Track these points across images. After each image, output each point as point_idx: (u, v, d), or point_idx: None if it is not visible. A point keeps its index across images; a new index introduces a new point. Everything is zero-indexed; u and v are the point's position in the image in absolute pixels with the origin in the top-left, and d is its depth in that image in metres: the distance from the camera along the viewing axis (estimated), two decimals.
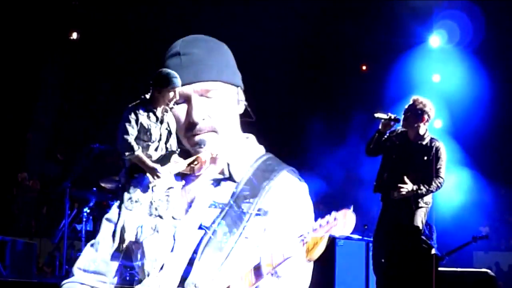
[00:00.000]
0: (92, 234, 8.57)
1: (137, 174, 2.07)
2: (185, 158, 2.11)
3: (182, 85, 2.07)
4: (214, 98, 2.17)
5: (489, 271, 7.87)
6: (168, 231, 2.08)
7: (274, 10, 12.91)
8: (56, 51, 14.99)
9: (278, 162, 2.26)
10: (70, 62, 15.04)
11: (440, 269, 6.98)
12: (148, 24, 13.58)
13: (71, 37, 15.39)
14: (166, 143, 2.08)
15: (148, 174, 2.04)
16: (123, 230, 2.05)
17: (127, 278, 2.14)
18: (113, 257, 2.12)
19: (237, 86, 2.28)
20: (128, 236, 2.06)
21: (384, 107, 6.62)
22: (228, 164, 2.19)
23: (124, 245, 2.05)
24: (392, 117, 6.44)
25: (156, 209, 2.07)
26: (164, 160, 2.06)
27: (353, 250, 8.05)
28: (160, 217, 2.06)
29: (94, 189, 9.01)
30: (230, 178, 2.19)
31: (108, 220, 2.22)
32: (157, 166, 2.03)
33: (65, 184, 9.02)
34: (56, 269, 9.90)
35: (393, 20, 12.81)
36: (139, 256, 2.07)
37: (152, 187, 2.04)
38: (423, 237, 6.55)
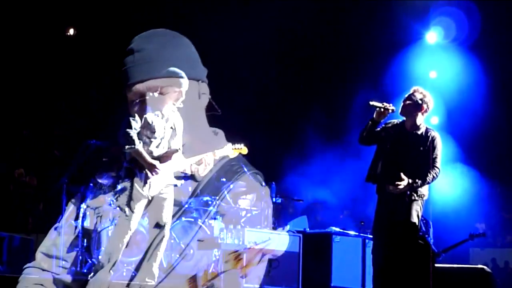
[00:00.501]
0: (89, 230, 8.56)
1: (105, 159, 2.06)
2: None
3: (136, 83, 2.04)
4: (169, 94, 2.11)
5: (485, 267, 7.88)
6: (126, 226, 2.07)
7: (271, 8, 12.89)
8: (53, 47, 14.95)
9: (243, 163, 2.23)
10: (67, 58, 15.00)
11: (436, 265, 6.98)
12: (146, 21, 13.53)
13: (68, 33, 15.36)
14: (169, 141, 2.07)
15: (146, 170, 2.03)
16: (84, 216, 2.07)
17: (85, 267, 2.14)
18: (74, 243, 2.13)
19: (197, 80, 2.21)
20: (88, 224, 2.07)
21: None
22: (190, 163, 2.15)
23: (84, 232, 2.06)
24: (387, 106, 6.45)
25: (117, 199, 2.07)
26: (165, 157, 2.05)
27: (350, 246, 8.06)
28: (121, 209, 2.06)
29: (91, 185, 8.99)
30: (192, 176, 2.15)
31: (74, 203, 2.22)
32: (156, 162, 2.02)
33: (62, 180, 8.99)
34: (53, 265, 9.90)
35: (390, 17, 12.80)
36: (96, 246, 2.08)
37: (150, 182, 2.03)
38: (420, 233, 6.55)
